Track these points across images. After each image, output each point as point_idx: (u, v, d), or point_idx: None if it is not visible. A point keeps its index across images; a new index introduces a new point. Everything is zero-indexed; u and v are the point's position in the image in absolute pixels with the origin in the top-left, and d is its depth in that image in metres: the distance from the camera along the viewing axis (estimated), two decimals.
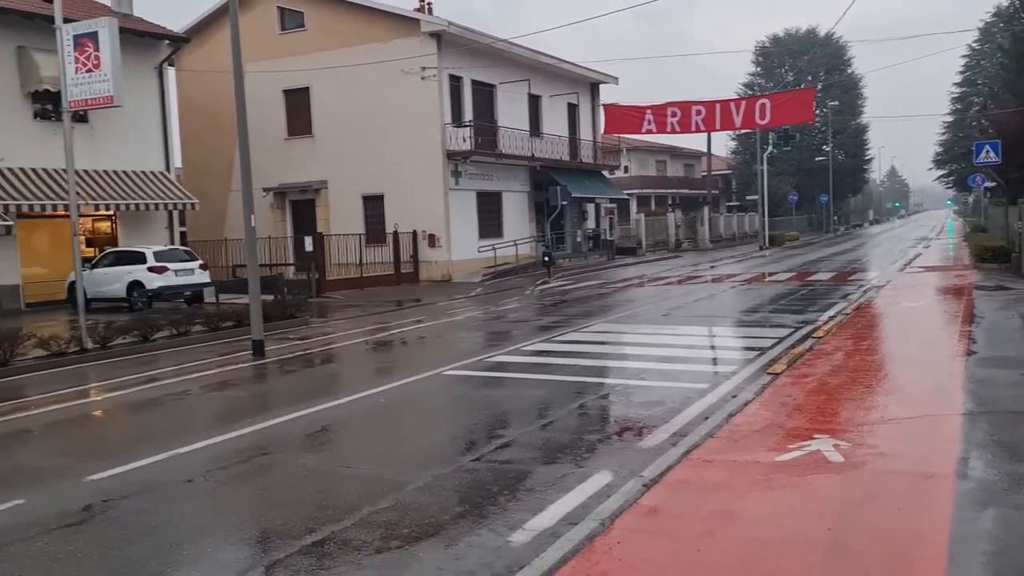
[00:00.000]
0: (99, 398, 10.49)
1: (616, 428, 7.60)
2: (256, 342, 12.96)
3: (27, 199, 21.37)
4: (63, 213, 22.56)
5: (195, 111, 30.74)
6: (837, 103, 63.02)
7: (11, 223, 19.65)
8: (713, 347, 12.79)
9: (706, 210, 46.49)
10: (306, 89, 28.89)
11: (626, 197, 46.21)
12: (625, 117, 35.35)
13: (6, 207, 20.51)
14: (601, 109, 36.91)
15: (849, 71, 68.73)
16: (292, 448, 7.35)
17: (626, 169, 55.85)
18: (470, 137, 27.77)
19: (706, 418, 7.48)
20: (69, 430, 8.96)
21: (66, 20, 13.51)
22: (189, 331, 15.19)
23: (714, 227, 48.32)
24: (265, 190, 28.60)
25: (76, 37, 12.93)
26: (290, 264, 27.02)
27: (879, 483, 5.61)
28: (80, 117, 20.98)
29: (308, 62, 28.20)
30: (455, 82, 28.11)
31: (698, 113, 34.65)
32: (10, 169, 21.95)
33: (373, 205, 28.40)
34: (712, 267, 29.66)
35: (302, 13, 29.06)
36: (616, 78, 38.22)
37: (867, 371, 9.41)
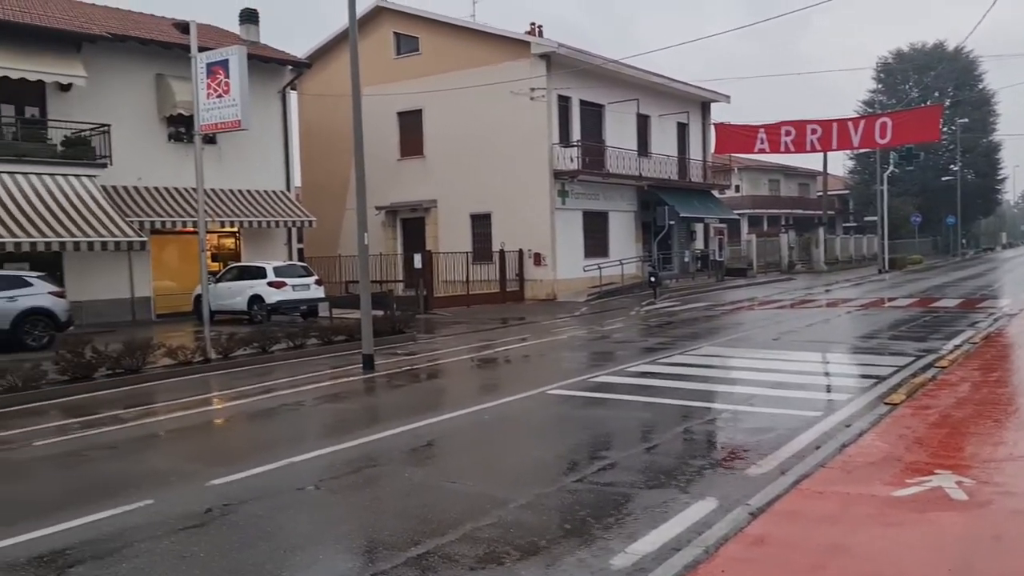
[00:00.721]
0: (221, 406, 11.05)
1: (722, 454, 7.44)
2: (366, 356, 13.36)
3: (160, 216, 22.81)
4: (191, 230, 23.95)
5: (313, 133, 32.12)
6: (967, 120, 59.82)
7: (145, 239, 20.98)
8: (827, 374, 12.34)
9: (821, 231, 44.96)
10: (419, 111, 29.72)
11: (736, 217, 45.26)
12: (737, 136, 34.61)
13: (141, 224, 21.94)
14: (712, 128, 36.32)
15: (980, 87, 65.16)
16: (399, 461, 7.54)
17: (737, 188, 54.70)
18: (577, 157, 27.86)
19: (818, 447, 7.23)
20: (193, 436, 9.48)
21: (200, 49, 14.42)
22: (304, 344, 15.81)
23: (829, 249, 46.64)
24: (377, 208, 29.49)
25: (209, 65, 13.78)
26: (399, 281, 27.74)
27: (1006, 523, 5.28)
28: (209, 139, 22.18)
29: (421, 85, 29.02)
30: (563, 102, 28.31)
31: (814, 132, 33.55)
32: (145, 188, 23.51)
33: (480, 224, 28.85)
34: (827, 290, 28.63)
35: (417, 38, 29.96)
36: (728, 96, 37.59)
37: (996, 404, 8.87)
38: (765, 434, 7.91)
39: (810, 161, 57.71)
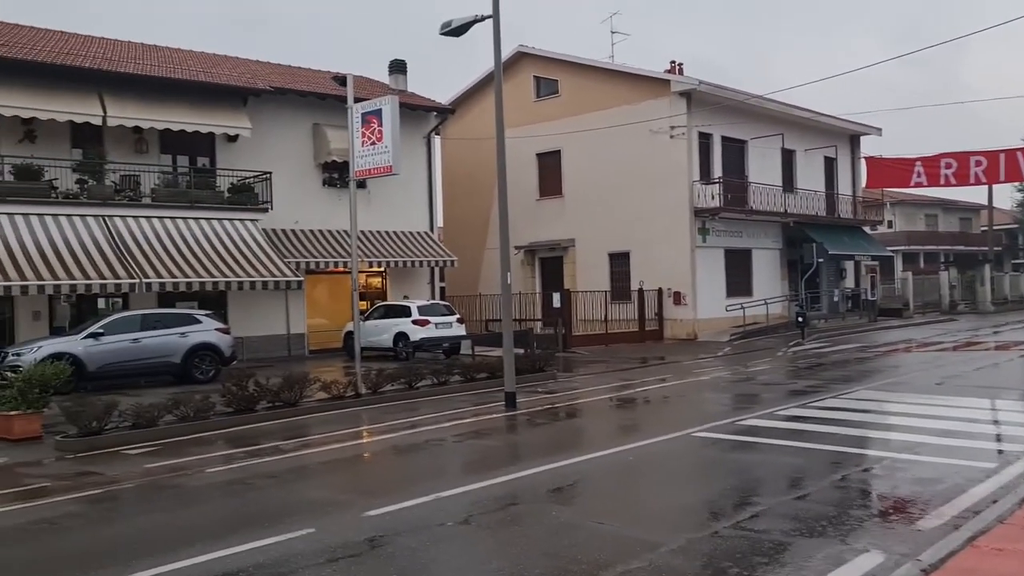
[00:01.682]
0: (371, 440, 11.47)
1: (885, 505, 7.03)
2: (509, 394, 13.53)
3: (314, 257, 24.12)
4: (341, 269, 25.17)
5: (455, 175, 33.17)
6: None
7: (302, 279, 22.22)
8: (998, 422, 11.43)
9: (987, 268, 41.94)
10: (557, 152, 30.16)
11: (890, 254, 42.94)
12: (890, 170, 33.10)
13: (297, 264, 23.27)
14: (862, 162, 34.86)
15: None
16: (544, 499, 7.57)
17: (890, 224, 52.02)
18: (719, 194, 27.37)
19: (994, 501, 6.72)
20: (348, 468, 9.88)
21: (356, 100, 15.28)
22: (448, 380, 16.20)
23: (997, 288, 43.35)
24: (517, 248, 29.98)
25: (364, 114, 14.58)
26: (538, 319, 27.99)
27: None
28: (360, 184, 23.27)
29: (560, 126, 29.47)
30: (704, 139, 27.98)
31: (978, 164, 31.62)
32: (301, 230, 24.95)
33: (619, 262, 28.78)
34: (995, 332, 26.61)
35: (556, 81, 30.53)
36: (879, 129, 35.97)
37: None
38: (932, 485, 7.42)
39: (972, 194, 54.13)
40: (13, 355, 16.49)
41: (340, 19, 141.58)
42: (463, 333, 23.19)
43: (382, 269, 26.79)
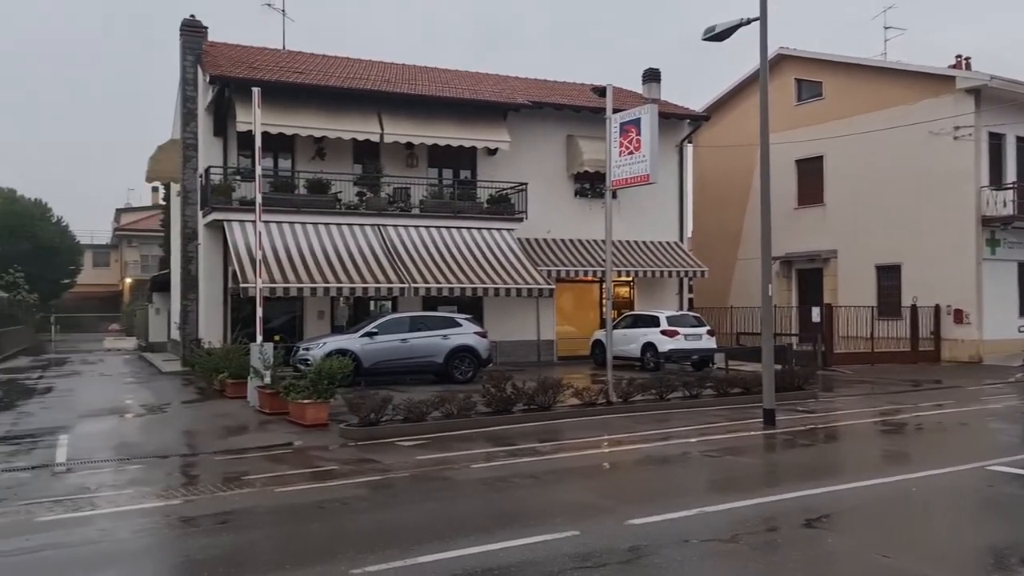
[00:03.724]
0: (626, 448, 11.43)
1: None
2: (767, 411, 12.90)
3: (564, 266, 24.65)
4: (590, 279, 25.50)
5: (706, 184, 32.41)
6: None
7: (553, 287, 22.78)
8: None
9: None
10: (819, 158, 28.46)
11: None
12: None
13: (549, 272, 23.89)
14: None
15: None
16: (814, 525, 7.08)
17: None
18: (1012, 201, 24.37)
19: None
20: (605, 474, 9.92)
21: (613, 110, 15.38)
22: (700, 394, 15.79)
23: None
24: (773, 259, 28.64)
25: (622, 124, 14.65)
26: (794, 334, 26.54)
27: None
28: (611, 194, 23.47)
29: (824, 131, 27.80)
30: (995, 140, 25.07)
31: None
32: (553, 240, 25.59)
33: (887, 276, 26.54)
34: None
35: (820, 83, 28.84)
36: None
37: None
38: None
39: None
40: (303, 349, 18.41)
41: (580, 32, 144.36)
42: (713, 346, 22.54)
43: (630, 279, 26.78)
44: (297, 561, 6.08)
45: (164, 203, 40.10)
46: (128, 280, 62.53)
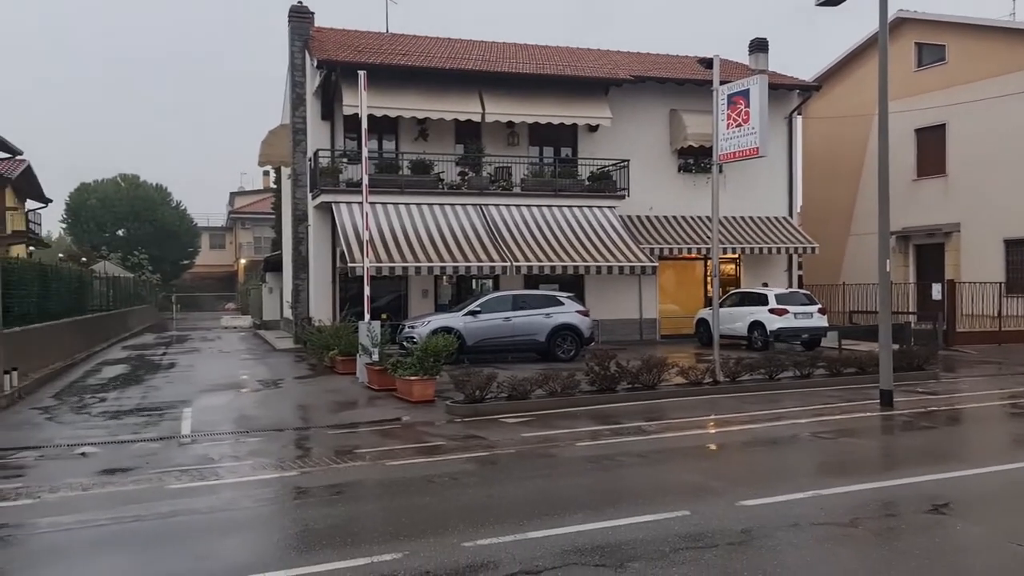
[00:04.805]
0: (734, 428, 11.16)
1: None
2: (884, 392, 12.36)
3: (667, 243, 24.23)
4: (693, 256, 25.01)
5: (816, 157, 31.15)
6: None
7: (656, 264, 22.45)
8: None
9: None
10: (941, 126, 26.89)
11: None
12: None
13: (651, 250, 23.54)
14: None
15: None
16: (942, 511, 6.72)
17: None
18: None
19: None
20: (714, 454, 9.73)
21: (720, 82, 14.93)
22: (811, 374, 15.28)
23: None
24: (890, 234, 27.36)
25: (730, 96, 14.20)
26: (912, 312, 25.32)
27: None
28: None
29: (946, 97, 26.27)
30: None
31: None
32: (656, 216, 25.19)
33: (1017, 250, 24.94)
34: None
35: (943, 46, 27.17)
36: None
37: None
38: None
39: None
40: (408, 327, 18.80)
41: (684, 4, 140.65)
42: (824, 324, 21.75)
43: (736, 256, 26.11)
44: (410, 532, 6.21)
45: (275, 186, 41.57)
46: (242, 261, 65.29)
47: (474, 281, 23.72)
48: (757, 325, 21.52)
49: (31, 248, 39.09)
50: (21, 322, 16.80)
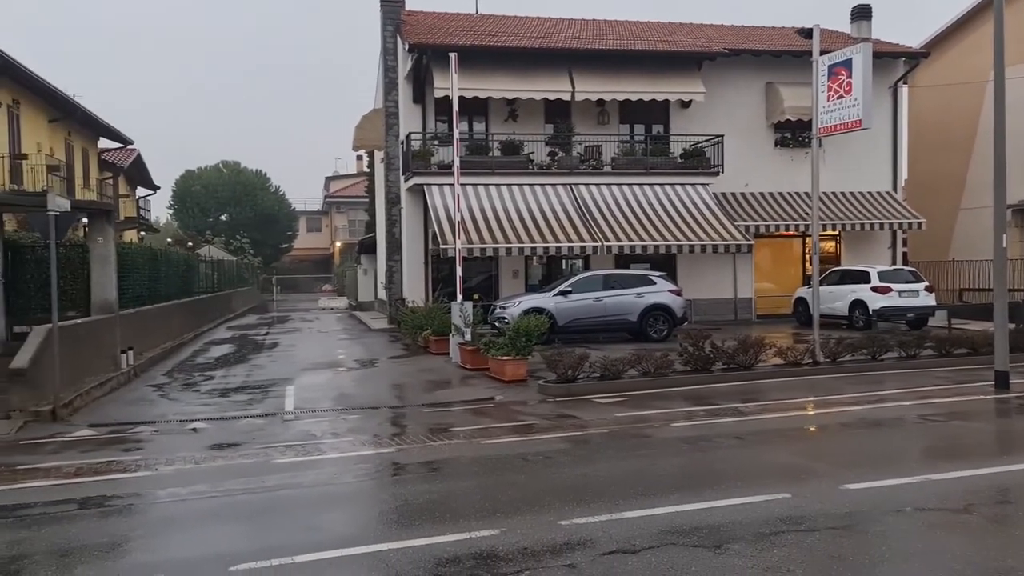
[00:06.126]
0: (835, 410, 10.82)
1: None
2: (1000, 373, 11.74)
3: (763, 220, 23.58)
4: (790, 233, 24.27)
5: (923, 128, 29.64)
6: None
7: (751, 242, 21.88)
8: None
9: None
10: None
11: None
12: None
13: (746, 228, 22.96)
14: None
15: None
16: None
17: None
18: None
19: None
20: (814, 436, 9.47)
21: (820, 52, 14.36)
22: (917, 354, 14.68)
23: None
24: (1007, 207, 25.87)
25: (831, 67, 13.64)
26: None
27: None
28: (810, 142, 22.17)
29: None
30: None
31: None
32: (751, 193, 24.53)
33: None
34: None
35: None
36: None
37: None
38: None
39: None
40: (500, 308, 18.92)
41: None
42: (932, 303, 20.79)
43: (836, 232, 25.19)
44: (506, 510, 6.27)
45: (368, 170, 42.43)
46: (338, 243, 67.06)
47: (564, 261, 23.66)
48: (859, 304, 20.74)
49: (142, 233, 41.13)
50: (135, 304, 17.73)
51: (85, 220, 15.90)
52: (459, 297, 16.04)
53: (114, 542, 5.86)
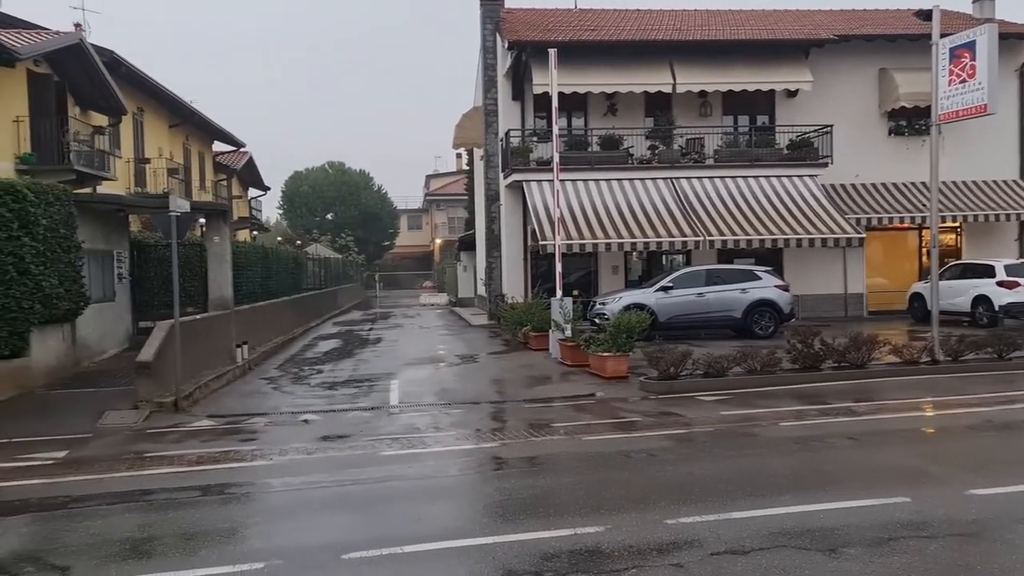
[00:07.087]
0: (957, 411, 10.26)
1: None
2: None
3: (876, 213, 22.62)
4: (904, 226, 23.18)
5: None
6: None
7: (863, 236, 21.00)
8: None
9: None
10: None
11: None
12: None
13: (858, 220, 22.05)
14: None
15: None
16: None
17: None
18: None
19: None
20: (935, 438, 9.00)
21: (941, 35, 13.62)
22: None
23: None
24: None
25: (952, 50, 12.91)
26: None
27: None
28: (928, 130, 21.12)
29: None
30: None
31: None
32: (863, 184, 23.58)
33: None
34: None
35: None
36: None
37: None
38: None
39: None
40: (599, 304, 18.81)
41: None
42: None
43: (956, 224, 23.90)
44: (611, 507, 6.22)
45: (468, 168, 42.92)
46: (438, 241, 68.10)
47: (664, 257, 23.32)
48: (982, 299, 19.61)
49: (254, 232, 42.86)
50: (248, 300, 18.50)
51: (203, 220, 16.70)
52: (558, 293, 16.02)
53: (233, 528, 6.12)
